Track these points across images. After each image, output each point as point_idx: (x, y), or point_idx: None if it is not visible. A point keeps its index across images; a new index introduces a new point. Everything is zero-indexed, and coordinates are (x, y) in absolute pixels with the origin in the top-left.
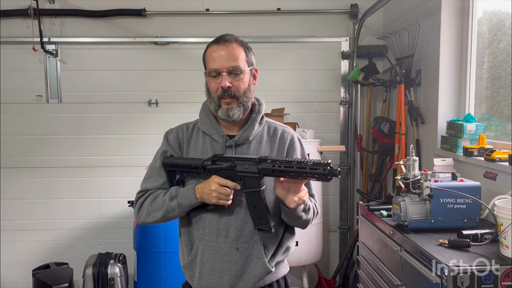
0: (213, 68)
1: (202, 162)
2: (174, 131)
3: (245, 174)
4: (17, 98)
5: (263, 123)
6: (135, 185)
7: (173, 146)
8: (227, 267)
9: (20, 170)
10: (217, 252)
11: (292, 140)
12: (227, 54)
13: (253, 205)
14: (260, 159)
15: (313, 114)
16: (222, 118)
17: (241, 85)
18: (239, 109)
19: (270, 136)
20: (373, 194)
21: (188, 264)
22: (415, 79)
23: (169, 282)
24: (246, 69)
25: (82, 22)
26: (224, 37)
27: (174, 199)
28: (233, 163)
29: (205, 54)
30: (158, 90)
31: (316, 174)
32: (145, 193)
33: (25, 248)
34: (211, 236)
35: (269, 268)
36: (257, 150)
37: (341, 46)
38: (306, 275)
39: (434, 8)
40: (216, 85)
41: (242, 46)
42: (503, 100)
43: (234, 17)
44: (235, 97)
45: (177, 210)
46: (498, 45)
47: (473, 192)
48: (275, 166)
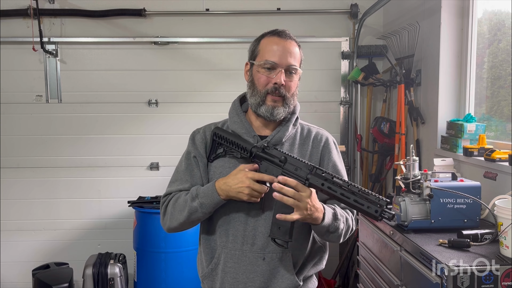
0: (271, 61)
1: (252, 146)
2: (201, 131)
3: (291, 174)
4: (17, 98)
5: (297, 125)
6: (135, 185)
7: (198, 147)
8: (252, 278)
9: (20, 170)
10: (241, 261)
11: (326, 142)
12: (289, 51)
13: (281, 211)
14: (315, 168)
15: (313, 114)
16: (263, 115)
17: (293, 86)
18: (284, 110)
19: (303, 139)
20: None
21: (208, 273)
22: (415, 79)
23: (169, 282)
24: (300, 71)
25: (82, 22)
26: (284, 32)
27: (196, 199)
28: (285, 158)
29: (259, 43)
30: (158, 90)
31: (365, 211)
32: (169, 196)
33: (25, 248)
34: (235, 243)
35: (297, 282)
36: (289, 152)
37: (341, 46)
38: None
39: (434, 8)
40: (268, 79)
41: (298, 46)
42: (503, 100)
43: (234, 17)
44: (283, 96)
45: (200, 210)
46: (498, 45)
47: (473, 192)
48: (324, 185)
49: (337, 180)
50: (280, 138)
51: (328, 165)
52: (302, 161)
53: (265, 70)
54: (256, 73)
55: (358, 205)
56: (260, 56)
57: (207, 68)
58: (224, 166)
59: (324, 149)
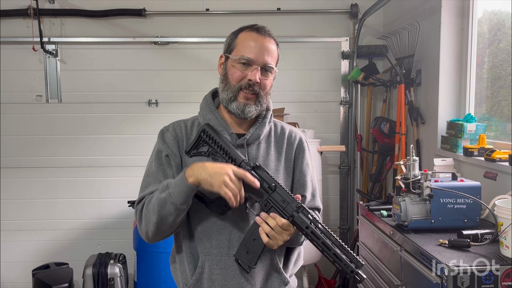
0: (247, 57)
1: (241, 161)
2: (171, 129)
3: (275, 206)
4: (17, 98)
5: (271, 122)
6: (135, 185)
7: (170, 145)
8: (242, 283)
9: (20, 170)
10: (229, 267)
11: (300, 141)
12: (267, 49)
13: (254, 236)
14: (303, 207)
15: (313, 114)
16: (234, 112)
17: (268, 84)
18: (256, 108)
19: (277, 136)
20: (373, 194)
21: (193, 285)
22: (415, 79)
23: (169, 282)
24: (276, 70)
25: (82, 22)
26: (264, 28)
27: (166, 190)
28: (275, 186)
29: (236, 36)
30: (158, 90)
31: (341, 266)
32: (142, 201)
33: (25, 248)
34: (220, 248)
35: (286, 279)
36: (267, 150)
37: (341, 46)
38: (306, 275)
39: (434, 8)
40: (243, 74)
41: (277, 44)
42: (503, 100)
43: (234, 17)
44: (256, 94)
45: (168, 202)
46: (498, 45)
47: (473, 192)
48: (308, 228)
49: (321, 227)
50: (258, 135)
51: (302, 163)
52: (291, 195)
53: (241, 66)
54: (230, 67)
55: (337, 260)
56: (236, 50)
57: (207, 68)
58: None
59: (298, 148)
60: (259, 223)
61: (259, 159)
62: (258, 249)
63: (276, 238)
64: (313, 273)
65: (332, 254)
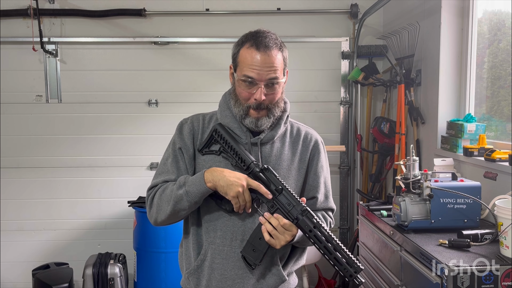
0: (250, 77)
1: (250, 162)
2: (189, 121)
3: (281, 208)
4: (17, 98)
5: (287, 122)
6: (135, 185)
7: (185, 137)
8: (241, 274)
9: (20, 170)
10: (230, 258)
11: (316, 143)
12: (268, 64)
13: (260, 235)
14: (308, 211)
15: (313, 114)
16: (248, 127)
17: (276, 97)
18: (268, 120)
19: (293, 137)
20: (373, 194)
21: (194, 270)
22: (415, 79)
23: (169, 282)
24: (283, 80)
25: (82, 22)
26: (265, 42)
27: (183, 187)
28: (282, 189)
29: (238, 53)
30: (158, 90)
31: (341, 270)
32: (155, 188)
33: (25, 248)
34: (224, 239)
35: (284, 276)
36: (281, 150)
37: (341, 46)
38: (306, 275)
39: (434, 8)
40: (249, 94)
41: (280, 50)
42: (503, 100)
43: (234, 17)
44: (266, 108)
45: (185, 199)
46: (498, 45)
47: (473, 192)
48: (311, 232)
49: (324, 231)
50: (273, 136)
51: (317, 165)
52: (298, 199)
53: (245, 85)
54: (238, 85)
55: (337, 264)
56: (239, 68)
57: (207, 68)
58: (215, 162)
59: (314, 149)
60: (263, 222)
61: (271, 157)
62: (263, 247)
63: (278, 238)
64: (313, 273)
65: (333, 258)
